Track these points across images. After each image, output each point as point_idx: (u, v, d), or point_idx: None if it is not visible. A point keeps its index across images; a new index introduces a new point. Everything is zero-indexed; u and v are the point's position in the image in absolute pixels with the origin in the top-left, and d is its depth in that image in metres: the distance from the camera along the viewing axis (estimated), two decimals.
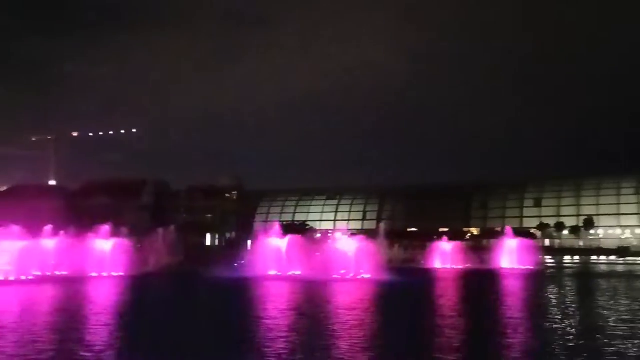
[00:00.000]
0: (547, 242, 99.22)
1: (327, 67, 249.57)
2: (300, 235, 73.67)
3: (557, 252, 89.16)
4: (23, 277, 39.43)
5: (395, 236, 66.83)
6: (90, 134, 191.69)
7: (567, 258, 79.61)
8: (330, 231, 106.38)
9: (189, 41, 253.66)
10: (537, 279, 48.21)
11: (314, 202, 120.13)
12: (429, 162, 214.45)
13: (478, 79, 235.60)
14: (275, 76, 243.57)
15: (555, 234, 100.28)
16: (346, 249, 45.54)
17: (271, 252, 48.94)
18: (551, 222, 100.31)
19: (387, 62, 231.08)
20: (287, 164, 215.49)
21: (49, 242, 44.98)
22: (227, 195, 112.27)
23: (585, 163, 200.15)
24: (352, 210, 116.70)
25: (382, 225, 64.10)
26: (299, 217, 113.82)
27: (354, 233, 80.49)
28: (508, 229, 62.62)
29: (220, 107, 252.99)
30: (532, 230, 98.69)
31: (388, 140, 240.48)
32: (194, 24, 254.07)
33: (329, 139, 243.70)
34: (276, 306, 29.09)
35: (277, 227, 53.63)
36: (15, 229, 42.83)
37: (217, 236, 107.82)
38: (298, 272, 44.73)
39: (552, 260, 72.97)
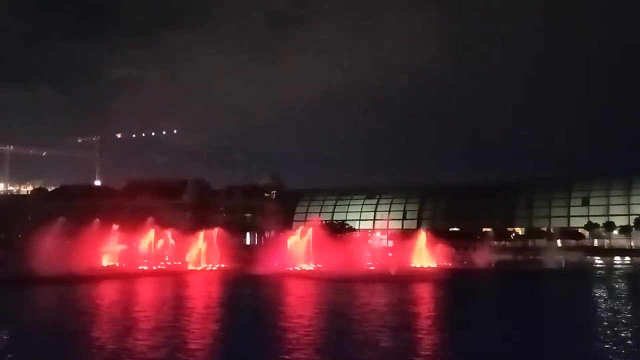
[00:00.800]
0: (595, 242, 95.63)
1: (366, 65, 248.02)
2: (339, 235, 73.33)
3: (607, 252, 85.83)
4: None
5: (436, 236, 65.47)
6: (134, 135, 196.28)
7: (617, 259, 76.67)
8: (369, 231, 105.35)
9: (230, 42, 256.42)
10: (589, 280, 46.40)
11: (352, 202, 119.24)
12: (471, 160, 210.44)
13: (523, 77, 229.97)
14: (314, 75, 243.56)
15: (604, 234, 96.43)
16: (382, 248, 45.12)
17: (308, 251, 48.85)
18: (600, 221, 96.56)
19: (425, 60, 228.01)
20: (326, 163, 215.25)
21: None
22: (266, 194, 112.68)
23: (635, 161, 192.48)
24: (392, 209, 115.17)
25: (423, 230, 63.10)
26: (338, 217, 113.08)
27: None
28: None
29: (260, 107, 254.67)
30: (580, 230, 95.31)
31: (431, 139, 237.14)
32: (234, 25, 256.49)
33: (367, 138, 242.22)
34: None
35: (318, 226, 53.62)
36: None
37: (256, 235, 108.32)
38: (334, 270, 44.33)
39: (601, 261, 70.49)
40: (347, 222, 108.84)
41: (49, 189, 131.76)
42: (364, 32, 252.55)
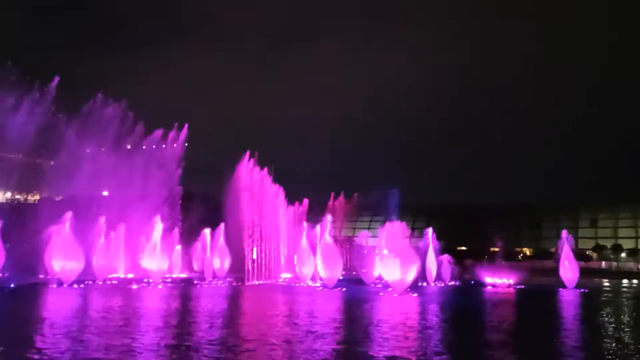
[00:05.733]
0: (603, 264, 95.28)
1: (368, 83, 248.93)
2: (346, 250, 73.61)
3: (615, 275, 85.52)
4: None
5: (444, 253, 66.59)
6: (144, 147, 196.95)
7: (625, 281, 76.44)
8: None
9: (231, 59, 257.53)
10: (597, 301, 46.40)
11: (360, 219, 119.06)
12: (480, 180, 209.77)
13: (533, 95, 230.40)
14: (316, 92, 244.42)
15: (612, 257, 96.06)
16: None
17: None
18: (608, 243, 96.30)
19: (431, 79, 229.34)
20: (331, 181, 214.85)
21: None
22: None
23: None
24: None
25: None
26: (346, 233, 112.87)
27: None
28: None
29: (261, 124, 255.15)
30: (588, 252, 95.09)
31: (440, 156, 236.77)
32: (236, 43, 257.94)
33: (372, 156, 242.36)
34: None
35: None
36: None
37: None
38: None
39: (608, 284, 70.71)
40: (355, 239, 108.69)
41: (57, 199, 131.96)
42: (366, 50, 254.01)
